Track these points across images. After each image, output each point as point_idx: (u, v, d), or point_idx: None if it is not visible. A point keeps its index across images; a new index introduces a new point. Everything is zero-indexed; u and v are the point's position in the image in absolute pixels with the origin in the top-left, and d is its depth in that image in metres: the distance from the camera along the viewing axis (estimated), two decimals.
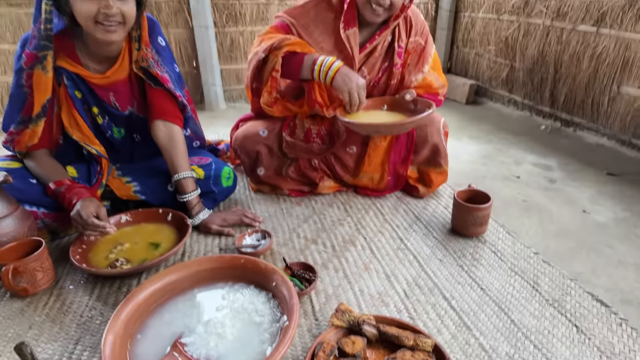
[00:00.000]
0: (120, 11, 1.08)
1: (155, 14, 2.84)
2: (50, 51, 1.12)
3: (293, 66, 1.33)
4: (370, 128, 1.37)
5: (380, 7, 1.31)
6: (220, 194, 1.46)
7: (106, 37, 1.11)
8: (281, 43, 1.32)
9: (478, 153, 2.18)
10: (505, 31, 2.90)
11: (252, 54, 1.38)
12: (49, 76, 1.15)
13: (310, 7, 1.42)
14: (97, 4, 1.05)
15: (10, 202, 1.14)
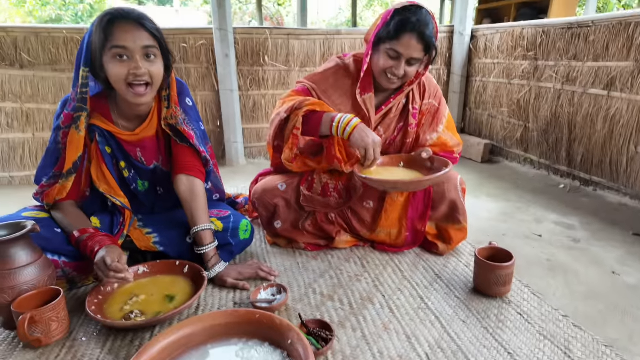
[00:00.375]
0: (148, 72, 1.18)
1: (185, 78, 3.06)
2: (85, 112, 1.22)
3: (312, 124, 1.40)
4: (387, 185, 1.39)
5: (395, 76, 1.39)
6: (237, 246, 1.47)
7: (136, 100, 1.20)
8: (302, 104, 1.40)
9: (497, 211, 2.16)
10: (517, 94, 3.00)
11: (275, 114, 1.46)
12: (81, 135, 1.24)
13: (330, 74, 1.52)
14: (127, 67, 1.15)
15: (35, 250, 1.17)
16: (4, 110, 2.74)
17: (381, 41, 1.38)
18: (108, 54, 1.14)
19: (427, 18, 1.34)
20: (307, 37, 3.21)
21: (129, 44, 1.14)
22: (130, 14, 1.17)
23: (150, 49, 1.18)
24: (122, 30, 1.14)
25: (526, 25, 2.88)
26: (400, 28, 1.33)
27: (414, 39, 1.33)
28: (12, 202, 2.35)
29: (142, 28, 1.17)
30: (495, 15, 5.34)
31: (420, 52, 1.36)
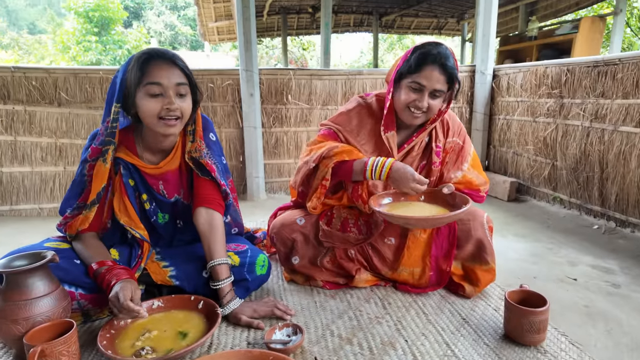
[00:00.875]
0: (179, 107, 1.23)
1: (212, 115, 3.16)
2: (112, 145, 1.26)
3: (343, 173, 1.40)
4: (399, 220, 1.33)
5: (419, 110, 1.38)
6: (253, 282, 1.43)
7: (166, 131, 1.24)
8: (330, 152, 1.40)
9: (526, 251, 2.05)
10: (542, 132, 2.94)
11: (303, 162, 1.46)
12: (107, 167, 1.27)
13: (354, 115, 1.52)
14: (161, 102, 1.20)
15: (52, 281, 1.16)
16: (39, 145, 2.88)
17: (402, 77, 1.39)
18: (142, 90, 1.20)
19: (447, 52, 1.35)
20: (329, 77, 3.29)
21: (164, 80, 1.20)
22: (166, 53, 1.24)
23: (182, 86, 1.23)
24: (157, 68, 1.20)
25: (550, 64, 2.87)
26: (422, 61, 1.33)
27: (436, 70, 1.33)
28: (39, 233, 2.41)
29: (175, 66, 1.23)
30: (516, 56, 5.38)
31: (443, 84, 1.36)
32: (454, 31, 9.07)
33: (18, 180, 2.89)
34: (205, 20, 7.35)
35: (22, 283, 1.09)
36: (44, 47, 14.43)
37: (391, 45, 17.24)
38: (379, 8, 7.87)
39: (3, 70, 2.82)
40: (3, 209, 2.89)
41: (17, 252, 1.19)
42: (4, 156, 2.85)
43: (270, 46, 14.54)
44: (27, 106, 2.83)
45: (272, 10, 7.35)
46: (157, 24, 19.86)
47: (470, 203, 1.33)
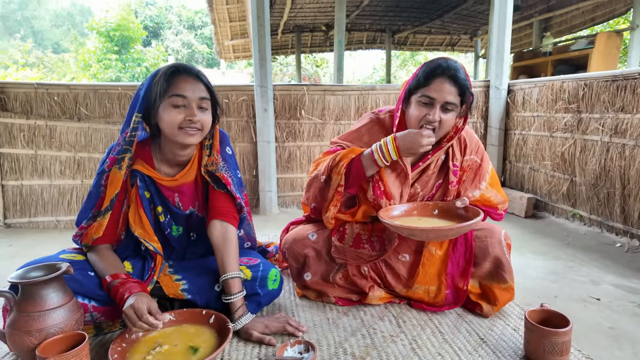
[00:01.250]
0: (200, 120, 1.26)
1: (226, 130, 3.21)
2: (129, 154, 1.28)
3: (355, 171, 1.36)
4: (405, 230, 1.28)
5: (431, 125, 1.34)
6: (265, 297, 1.41)
7: (186, 140, 1.26)
8: (335, 159, 1.39)
9: (546, 270, 1.98)
10: (560, 147, 2.88)
11: (312, 177, 1.45)
12: (122, 173, 1.29)
13: (365, 132, 1.50)
14: (184, 113, 1.24)
15: (66, 293, 1.17)
16: (59, 159, 2.95)
17: (412, 93, 1.36)
18: (167, 101, 1.23)
19: (457, 64, 1.32)
20: (342, 93, 3.31)
21: (188, 93, 1.24)
22: (192, 69, 1.29)
23: (204, 100, 1.27)
24: (183, 81, 1.25)
25: (566, 78, 2.83)
26: (430, 74, 1.31)
27: (446, 82, 1.30)
28: (55, 245, 2.44)
29: (199, 81, 1.27)
30: (531, 72, 5.34)
31: (455, 96, 1.31)
32: (467, 47, 9.09)
33: (37, 193, 2.95)
34: (222, 38, 7.54)
35: (37, 294, 1.10)
36: (67, 65, 14.97)
37: (404, 61, 17.36)
38: (391, 26, 7.96)
39: (27, 86, 2.92)
40: (22, 221, 2.95)
41: (33, 264, 1.20)
42: (24, 169, 2.92)
43: (284, 63, 14.78)
44: (49, 121, 2.91)
45: (286, 28, 7.50)
46: (174, 43, 20.45)
47: (481, 216, 1.29)
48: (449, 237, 1.35)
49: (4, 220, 2.90)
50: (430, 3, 6.47)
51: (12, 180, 2.91)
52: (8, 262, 2.18)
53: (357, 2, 6.22)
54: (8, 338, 1.09)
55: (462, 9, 6.58)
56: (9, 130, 2.86)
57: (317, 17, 7.03)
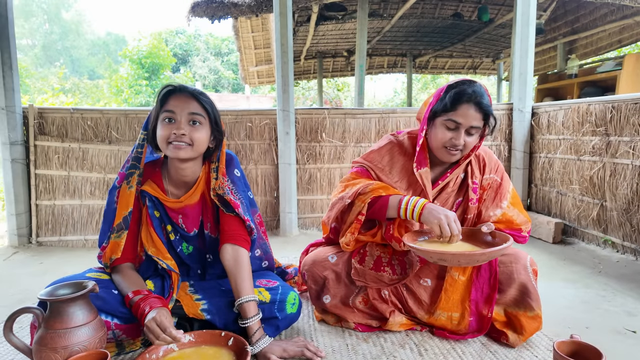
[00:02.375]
0: (189, 134, 1.28)
1: (249, 153, 3.28)
2: (137, 170, 1.35)
3: (378, 208, 1.36)
4: (434, 255, 1.25)
5: (455, 148, 1.36)
6: (283, 320, 1.40)
7: (175, 154, 1.29)
8: (365, 189, 1.39)
9: (576, 298, 1.89)
10: (588, 171, 2.79)
11: (337, 198, 1.46)
12: (132, 190, 1.34)
13: (385, 152, 1.51)
14: (170, 129, 1.28)
15: (91, 311, 1.20)
16: (89, 180, 3.07)
17: (437, 115, 1.38)
18: (160, 118, 1.29)
19: (482, 90, 1.35)
20: (362, 116, 3.35)
21: (177, 109, 1.28)
22: (187, 87, 1.33)
23: (195, 115, 1.30)
24: (175, 99, 1.30)
25: (593, 101, 2.77)
26: (457, 99, 1.33)
27: (472, 108, 1.33)
28: (82, 263, 2.52)
29: (193, 99, 1.31)
30: (556, 94, 5.25)
31: (479, 121, 1.35)
32: (489, 70, 9.06)
33: (68, 213, 3.07)
34: (247, 65, 7.81)
35: (64, 312, 1.13)
36: (101, 91, 15.77)
37: (425, 84, 17.41)
38: (412, 50, 8.04)
39: (63, 111, 3.09)
40: (52, 239, 3.06)
41: (61, 281, 1.24)
42: (57, 190, 3.05)
43: (306, 88, 15.08)
44: (82, 144, 3.05)
45: (309, 54, 7.69)
46: (202, 69, 21.28)
47: (511, 241, 1.26)
48: (480, 263, 1.31)
49: (36, 239, 3.02)
50: (451, 28, 6.53)
51: (45, 200, 3.04)
52: (38, 279, 2.26)
53: (378, 29, 6.34)
54: (35, 354, 1.12)
55: (484, 33, 6.60)
56: (45, 153, 3.02)
57: (338, 43, 7.19)
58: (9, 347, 1.39)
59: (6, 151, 2.91)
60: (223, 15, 4.32)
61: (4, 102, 2.88)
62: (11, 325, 1.15)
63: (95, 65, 26.42)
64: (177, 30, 23.10)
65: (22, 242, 2.99)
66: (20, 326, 1.57)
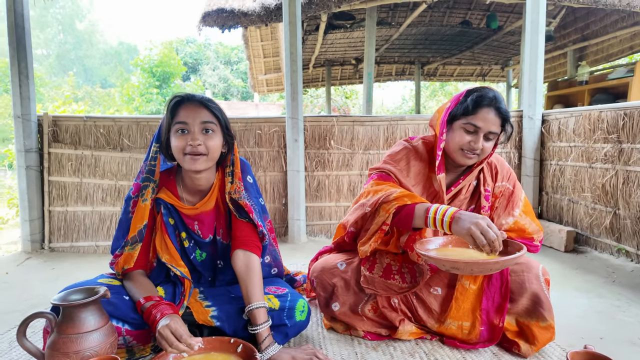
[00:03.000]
0: (204, 144, 1.29)
1: (258, 160, 3.30)
2: (152, 183, 1.35)
3: (403, 216, 1.32)
4: (447, 264, 1.23)
5: (472, 151, 1.37)
6: (292, 328, 1.40)
7: (191, 166, 1.30)
8: (389, 197, 1.34)
9: (590, 308, 1.86)
10: (600, 178, 2.76)
11: (359, 204, 1.44)
12: (146, 204, 1.35)
13: (402, 157, 1.51)
14: (186, 139, 1.28)
15: (103, 316, 1.21)
16: (101, 187, 3.12)
17: (456, 118, 1.39)
18: (173, 129, 1.30)
19: (500, 96, 1.37)
20: (371, 124, 3.35)
21: (189, 119, 1.29)
22: (195, 96, 1.33)
23: (208, 124, 1.31)
24: (185, 109, 1.30)
25: (604, 108, 2.75)
26: (478, 103, 1.35)
27: (492, 112, 1.34)
28: (94, 269, 2.54)
29: (203, 107, 1.32)
30: (567, 101, 5.21)
31: (497, 127, 1.36)
32: (498, 77, 9.02)
33: (80, 219, 3.11)
34: (256, 73, 7.89)
35: (76, 317, 1.15)
36: (112, 100, 16.03)
37: (433, 92, 17.38)
38: (421, 58, 8.06)
39: (77, 119, 3.15)
40: (64, 245, 3.10)
41: (73, 287, 1.26)
42: (70, 196, 3.10)
43: (314, 96, 15.16)
44: (94, 151, 3.10)
45: (317, 62, 7.75)
46: (211, 77, 21.55)
47: (525, 250, 1.24)
48: (493, 272, 1.27)
49: (48, 244, 3.06)
50: (459, 35, 6.54)
51: (58, 206, 3.09)
52: (51, 284, 2.29)
53: (387, 37, 6.37)
54: (47, 359, 1.14)
55: (493, 40, 6.59)
56: (58, 160, 3.07)
57: (347, 51, 7.24)
58: (22, 351, 1.41)
59: (21, 158, 2.97)
60: (233, 24, 4.38)
61: (20, 111, 2.95)
62: (24, 330, 1.17)
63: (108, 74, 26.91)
64: (188, 40, 23.47)
65: (35, 247, 3.04)
66: (32, 331, 1.59)
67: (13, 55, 2.93)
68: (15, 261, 2.79)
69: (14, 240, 3.82)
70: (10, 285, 2.29)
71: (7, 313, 1.86)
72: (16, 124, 2.96)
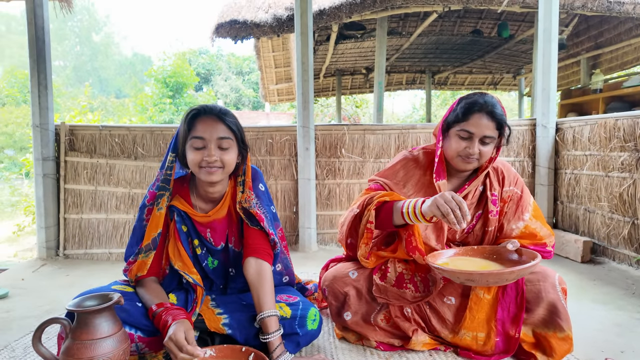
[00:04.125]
0: (220, 158, 1.31)
1: (270, 168, 3.32)
2: (167, 192, 1.37)
3: (384, 214, 1.38)
4: (461, 276, 1.21)
5: (469, 156, 1.38)
6: (304, 337, 1.39)
7: (207, 178, 1.32)
8: (372, 198, 1.41)
9: (609, 321, 1.80)
10: (617, 187, 2.70)
11: (348, 211, 1.49)
12: (161, 212, 1.36)
13: (400, 168, 1.54)
14: (202, 154, 1.30)
15: (116, 323, 1.21)
16: (115, 195, 3.16)
17: (450, 126, 1.42)
18: (188, 143, 1.32)
19: (493, 100, 1.38)
20: (382, 132, 3.35)
21: (206, 135, 1.30)
22: (213, 109, 1.34)
23: (224, 140, 1.32)
24: (202, 123, 1.31)
25: (620, 116, 2.70)
26: (468, 109, 1.37)
27: (484, 117, 1.35)
28: (107, 276, 2.57)
29: (220, 121, 1.33)
30: (581, 110, 5.15)
31: (492, 130, 1.37)
32: (510, 86, 8.97)
33: (94, 226, 3.15)
34: (267, 83, 7.98)
35: (90, 323, 1.15)
36: (126, 110, 16.35)
37: (444, 100, 17.34)
38: (431, 67, 8.06)
39: (93, 129, 3.22)
40: (79, 252, 3.14)
41: (87, 293, 1.27)
42: (85, 204, 3.15)
43: (325, 105, 15.25)
44: (109, 159, 3.16)
45: (328, 72, 7.81)
46: (223, 87, 21.86)
47: (539, 258, 1.22)
48: (509, 282, 1.25)
49: (63, 251, 3.11)
50: (470, 44, 6.53)
51: (73, 214, 3.14)
52: (65, 291, 2.32)
53: (397, 46, 6.40)
54: None
55: (504, 49, 6.56)
56: (74, 168, 3.13)
57: (357, 61, 7.28)
58: (37, 356, 1.42)
59: (38, 166, 3.04)
60: (246, 35, 4.45)
61: (39, 120, 3.02)
62: (40, 336, 1.18)
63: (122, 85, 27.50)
64: (201, 51, 23.90)
65: (50, 254, 3.09)
66: (47, 337, 1.61)
67: (33, 67, 3.02)
68: (30, 267, 2.84)
69: (30, 247, 3.89)
70: (26, 291, 2.33)
71: (23, 318, 1.88)
72: (34, 133, 3.03)
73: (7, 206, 8.39)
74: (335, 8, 4.28)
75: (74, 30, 29.05)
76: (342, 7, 4.26)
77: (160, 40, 66.14)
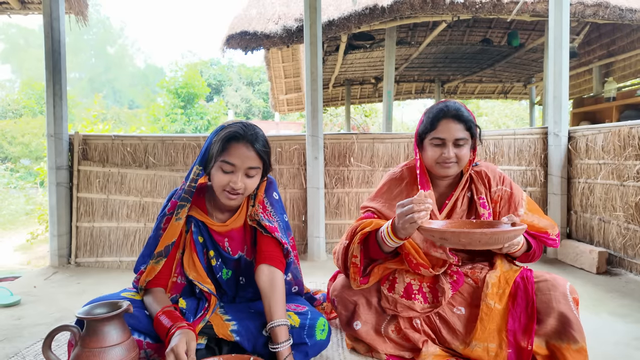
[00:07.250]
0: (243, 185, 1.33)
1: (278, 177, 3.33)
2: (188, 204, 1.38)
3: (372, 246, 1.42)
4: (437, 234, 1.20)
5: (446, 161, 1.42)
6: (312, 347, 1.37)
7: (227, 202, 1.36)
8: (357, 228, 1.44)
9: (628, 334, 1.75)
10: (633, 197, 2.64)
11: (339, 244, 1.51)
12: (179, 223, 1.37)
13: (386, 189, 1.59)
14: (229, 178, 1.31)
15: (125, 330, 1.22)
16: (126, 203, 3.20)
17: (423, 138, 1.48)
18: (218, 163, 1.33)
19: (457, 104, 1.43)
20: (391, 141, 3.35)
21: (237, 162, 1.31)
22: (246, 136, 1.32)
23: (252, 169, 1.34)
24: (236, 149, 1.31)
25: (635, 124, 2.66)
26: (435, 118, 1.43)
27: (451, 122, 1.41)
28: (117, 284, 2.59)
29: (253, 150, 1.33)
30: (593, 118, 5.08)
31: (463, 132, 1.42)
32: (520, 95, 8.90)
33: (105, 235, 3.19)
34: (277, 93, 8.06)
35: (100, 330, 1.16)
36: (139, 120, 16.63)
37: None
38: (441, 76, 8.06)
39: (105, 138, 3.28)
40: (90, 260, 3.17)
41: (97, 301, 1.28)
42: (96, 213, 3.19)
43: (334, 114, 15.31)
44: (121, 168, 3.20)
45: (337, 82, 7.86)
46: (234, 98, 22.13)
47: (523, 227, 1.21)
48: (482, 244, 1.19)
49: (74, 259, 3.14)
50: (480, 53, 6.52)
51: (85, 222, 3.18)
52: (76, 298, 2.34)
53: (406, 56, 6.41)
54: None
55: (514, 58, 6.54)
56: (87, 177, 3.19)
57: (366, 71, 7.32)
58: None
59: (52, 175, 3.09)
60: (256, 46, 4.51)
61: (53, 130, 3.09)
62: (50, 343, 1.18)
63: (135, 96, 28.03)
64: (212, 62, 24.30)
65: (62, 262, 3.13)
66: (57, 344, 1.62)
67: (49, 79, 3.10)
68: (43, 275, 2.87)
69: (42, 255, 3.95)
70: (38, 298, 2.36)
71: (34, 326, 1.90)
72: (49, 142, 3.10)
73: (22, 215, 8.55)
74: (344, 19, 4.32)
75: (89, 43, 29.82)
76: (351, 17, 4.30)
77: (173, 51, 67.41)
